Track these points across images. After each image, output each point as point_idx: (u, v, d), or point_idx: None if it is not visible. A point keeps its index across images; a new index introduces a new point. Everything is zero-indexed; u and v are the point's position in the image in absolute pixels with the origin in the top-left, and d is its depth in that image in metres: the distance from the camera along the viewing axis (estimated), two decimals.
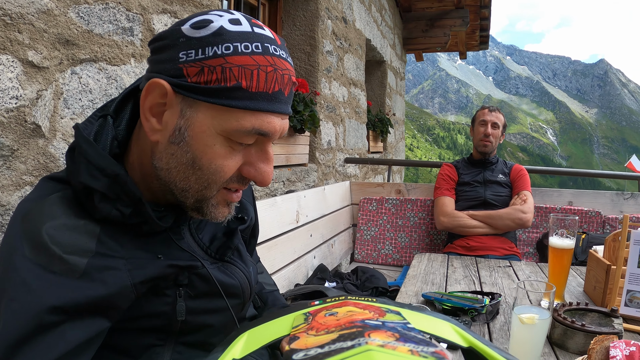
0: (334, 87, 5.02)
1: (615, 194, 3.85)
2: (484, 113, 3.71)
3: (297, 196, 3.11)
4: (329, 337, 0.55)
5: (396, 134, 8.99)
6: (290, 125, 3.60)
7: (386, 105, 8.04)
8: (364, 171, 6.48)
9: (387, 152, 8.18)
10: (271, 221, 2.67)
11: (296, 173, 3.94)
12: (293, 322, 0.71)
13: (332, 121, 4.96)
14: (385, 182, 5.13)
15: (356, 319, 0.62)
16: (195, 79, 0.86)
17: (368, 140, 6.79)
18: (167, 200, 1.00)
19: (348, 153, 5.61)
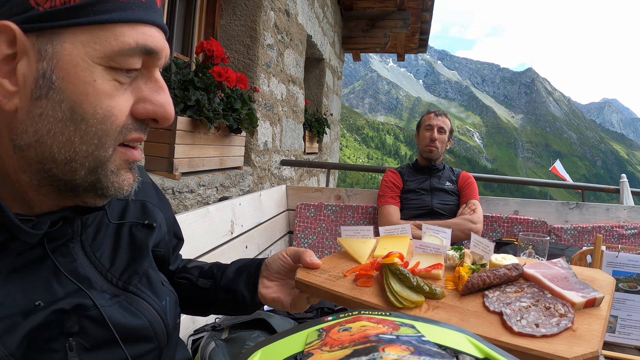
0: (273, 84, 4.72)
1: (560, 203, 3.81)
2: (429, 117, 3.53)
3: (232, 204, 2.81)
4: (343, 352, 0.55)
5: (331, 134, 8.79)
6: (226, 125, 3.27)
7: (323, 104, 7.81)
8: (299, 173, 6.20)
9: (323, 153, 7.96)
10: (203, 234, 2.37)
11: (230, 177, 3.61)
12: (307, 339, 0.68)
13: (269, 120, 4.66)
14: (324, 186, 4.88)
15: (370, 333, 0.62)
16: (49, 4, 0.65)
17: (304, 140, 6.54)
18: (46, 204, 0.77)
19: (284, 155, 5.32)
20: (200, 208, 2.37)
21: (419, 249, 1.43)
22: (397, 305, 1.00)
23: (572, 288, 1.02)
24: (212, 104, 3.02)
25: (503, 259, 1.25)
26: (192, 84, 3.01)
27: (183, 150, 2.88)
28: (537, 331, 0.85)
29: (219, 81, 3.11)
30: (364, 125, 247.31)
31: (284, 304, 1.23)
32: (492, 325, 0.89)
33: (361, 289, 1.12)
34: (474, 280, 1.06)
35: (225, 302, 1.23)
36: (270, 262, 1.24)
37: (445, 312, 0.97)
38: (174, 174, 2.80)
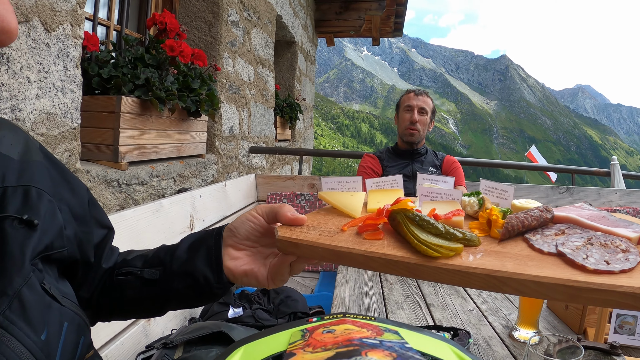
0: (239, 65, 4.38)
1: (550, 188, 3.76)
2: (409, 97, 3.27)
3: (191, 196, 2.51)
4: (326, 354, 0.55)
5: (305, 120, 8.52)
6: (183, 107, 2.92)
7: (295, 89, 7.54)
8: (270, 161, 5.90)
9: (296, 140, 7.68)
10: (156, 232, 2.08)
11: (190, 167, 3.28)
12: (290, 338, 0.67)
13: (235, 104, 4.32)
14: (296, 174, 4.58)
15: (354, 337, 0.62)
16: None
17: (275, 127, 6.27)
18: None
19: (253, 141, 5.00)
20: (151, 202, 2.09)
21: (425, 196, 1.30)
22: (433, 254, 0.81)
23: (618, 225, 0.94)
24: (164, 82, 2.67)
25: (527, 202, 1.14)
26: (142, 61, 2.66)
27: (130, 136, 2.53)
28: (612, 267, 0.74)
29: (171, 56, 2.76)
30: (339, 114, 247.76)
31: (259, 277, 0.98)
32: (557, 267, 0.77)
33: (372, 242, 0.91)
34: (513, 222, 0.92)
35: (183, 291, 0.98)
36: (237, 227, 0.99)
37: (494, 259, 0.81)
38: (119, 163, 2.46)
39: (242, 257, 0.99)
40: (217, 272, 0.96)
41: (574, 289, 0.70)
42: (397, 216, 0.93)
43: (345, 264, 0.89)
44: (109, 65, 2.53)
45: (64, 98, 2.04)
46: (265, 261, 1.00)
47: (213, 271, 0.95)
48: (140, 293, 0.99)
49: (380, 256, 0.84)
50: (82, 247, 0.90)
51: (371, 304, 2.01)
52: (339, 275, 2.36)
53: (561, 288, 0.70)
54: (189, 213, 2.44)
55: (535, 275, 0.72)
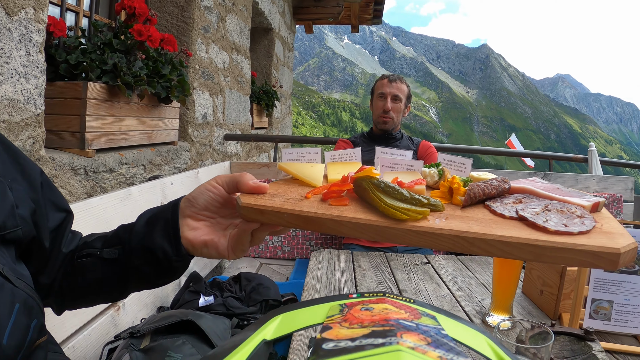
0: (213, 51, 4.32)
1: (528, 174, 3.74)
2: (382, 84, 3.25)
3: (162, 184, 2.46)
4: (362, 331, 0.54)
5: (282, 108, 8.45)
6: (152, 93, 2.86)
7: (272, 76, 7.47)
8: (247, 149, 5.84)
9: (273, 128, 7.61)
10: (124, 220, 1.96)
11: (162, 154, 3.22)
12: (328, 312, 0.67)
13: (209, 91, 4.27)
14: (271, 161, 4.54)
15: (391, 317, 0.61)
16: None
17: (252, 114, 6.21)
18: None
19: (228, 129, 4.95)
20: (120, 190, 2.03)
21: (386, 167, 1.31)
22: (402, 217, 0.84)
23: (572, 195, 0.99)
24: (132, 68, 2.62)
25: (484, 174, 1.18)
26: (110, 46, 2.61)
27: (97, 122, 2.48)
28: (571, 229, 0.79)
29: (139, 41, 2.71)
30: (319, 103, 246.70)
31: (219, 248, 0.97)
32: (520, 229, 0.80)
33: (339, 208, 0.92)
34: (475, 189, 0.96)
35: (143, 268, 0.96)
36: (195, 197, 0.97)
37: (459, 222, 0.84)
38: (86, 150, 2.42)
39: (201, 227, 0.97)
40: (175, 244, 0.94)
41: (538, 247, 0.74)
42: (363, 183, 0.95)
43: (312, 229, 0.90)
44: (77, 52, 2.47)
45: (27, 84, 1.99)
46: (225, 232, 0.99)
47: (171, 244, 0.94)
48: (101, 274, 0.96)
49: (350, 220, 0.86)
50: (38, 228, 0.89)
51: (343, 290, 1.99)
52: (311, 262, 2.34)
53: (527, 247, 0.74)
54: (159, 201, 2.38)
55: (501, 236, 0.76)
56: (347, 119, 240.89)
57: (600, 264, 0.74)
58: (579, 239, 0.76)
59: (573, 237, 0.76)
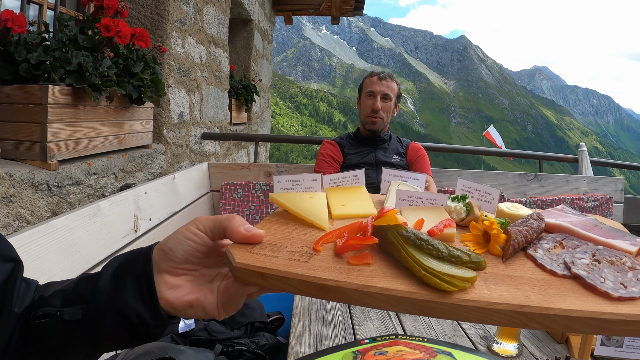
0: (189, 45, 4.08)
1: (518, 175, 3.74)
2: (372, 82, 3.08)
3: (135, 194, 2.24)
4: None
5: (262, 102, 8.27)
6: (123, 95, 2.62)
7: (251, 70, 7.26)
8: (225, 147, 5.64)
9: (252, 123, 7.42)
10: (93, 240, 1.81)
11: (134, 159, 3.00)
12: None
13: (185, 88, 4.03)
14: (252, 162, 4.34)
15: (406, 359, 0.61)
16: None
17: (230, 110, 6.03)
18: None
19: (206, 127, 4.73)
20: (87, 206, 1.81)
21: (404, 201, 1.16)
22: (449, 288, 0.69)
23: (614, 236, 0.93)
24: (99, 67, 2.37)
25: (515, 208, 1.09)
26: (75, 43, 2.36)
27: (61, 130, 2.24)
28: (631, 292, 0.72)
29: (107, 37, 2.46)
30: (297, 93, 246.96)
31: (208, 308, 0.80)
32: (581, 295, 0.72)
33: (361, 269, 0.76)
34: (519, 238, 0.86)
35: (115, 333, 0.77)
36: (173, 248, 0.79)
37: (511, 287, 0.73)
38: (48, 162, 2.17)
39: (183, 284, 0.80)
40: (152, 307, 0.76)
41: (605, 321, 0.66)
42: (389, 235, 0.80)
43: (330, 299, 0.73)
44: (39, 49, 2.22)
45: None
46: (212, 285, 0.82)
47: (147, 307, 0.76)
48: (64, 338, 0.78)
49: (380, 291, 0.70)
50: None
51: (335, 314, 1.89)
52: None
53: (592, 322, 0.66)
54: (132, 213, 2.18)
55: (565, 310, 0.67)
56: (324, 110, 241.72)
57: None
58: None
59: (638, 304, 0.69)
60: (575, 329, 0.68)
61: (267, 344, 2.08)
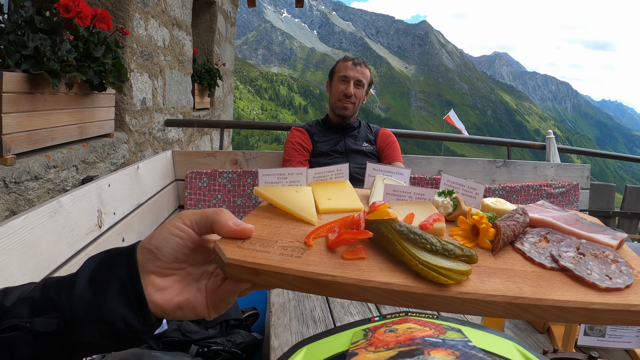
0: (152, 27, 3.91)
1: (487, 161, 3.76)
2: (346, 66, 3.00)
3: (97, 187, 2.10)
4: (388, 354, 0.54)
5: (225, 86, 8.12)
6: (83, 80, 2.47)
7: (215, 53, 7.10)
8: (188, 134, 5.48)
9: (215, 108, 7.27)
10: (56, 240, 1.69)
11: (96, 150, 2.85)
12: (352, 338, 0.67)
13: (148, 72, 3.87)
14: (217, 149, 4.21)
15: (416, 335, 0.61)
16: None
17: (193, 95, 5.87)
18: None
19: (169, 113, 4.57)
20: (47, 203, 1.68)
21: (391, 195, 1.16)
22: (447, 281, 0.71)
23: (595, 230, 0.97)
24: (58, 51, 2.21)
25: (499, 203, 1.12)
26: (31, 25, 2.19)
27: (17, 121, 2.09)
28: (616, 283, 0.76)
29: (67, 19, 2.30)
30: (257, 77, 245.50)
31: (198, 308, 0.77)
32: (570, 286, 0.76)
33: (356, 264, 0.76)
34: (507, 232, 0.89)
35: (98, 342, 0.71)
36: (159, 246, 0.74)
37: (505, 280, 0.76)
38: (4, 157, 2.02)
39: (171, 285, 0.76)
40: (142, 312, 0.72)
41: (594, 311, 0.70)
42: (383, 229, 0.82)
43: (326, 294, 0.73)
44: None
45: None
46: (199, 284, 0.79)
47: (135, 313, 0.71)
48: (34, 350, 0.70)
49: (379, 285, 0.71)
50: None
51: (315, 310, 1.84)
52: None
53: (583, 311, 0.70)
54: (95, 208, 2.05)
55: (557, 300, 0.70)
56: (285, 93, 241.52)
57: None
58: (628, 295, 0.73)
59: (623, 295, 0.73)
60: (567, 318, 0.71)
61: (243, 342, 2.04)
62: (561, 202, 3.71)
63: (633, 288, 0.76)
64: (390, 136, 3.14)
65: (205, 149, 6.69)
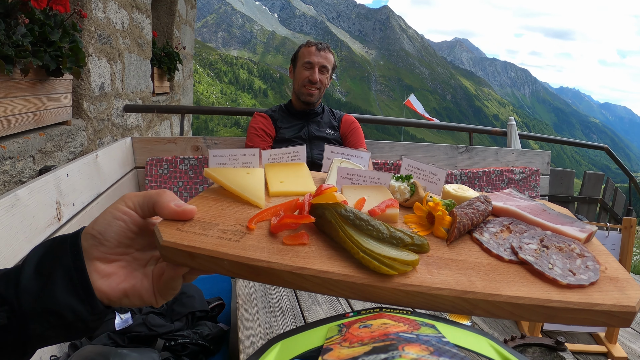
0: (111, 10, 3.79)
1: (449, 147, 3.79)
2: (310, 52, 2.95)
3: (56, 178, 2.03)
4: (363, 349, 0.54)
5: (184, 70, 7.99)
6: (39, 66, 2.37)
7: (174, 36, 6.97)
8: (148, 119, 5.37)
9: (175, 93, 7.16)
10: (13, 234, 1.63)
11: (54, 138, 2.75)
12: (327, 334, 0.66)
13: (106, 56, 3.75)
14: (178, 135, 4.13)
15: (390, 331, 0.61)
16: None
17: (153, 79, 5.74)
18: None
19: (128, 99, 4.46)
20: (3, 197, 1.62)
21: (345, 179, 1.12)
22: (388, 272, 0.68)
23: (563, 222, 0.93)
24: (12, 36, 2.11)
25: (461, 190, 1.06)
26: None
27: None
28: (580, 279, 0.73)
29: (22, 1, 2.21)
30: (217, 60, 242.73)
31: (144, 295, 0.74)
32: (528, 281, 0.72)
33: (296, 250, 0.73)
34: (464, 220, 0.84)
35: (47, 333, 0.69)
36: (103, 231, 0.71)
37: (455, 272, 0.72)
38: None
39: (116, 271, 0.73)
40: (89, 300, 0.69)
41: (552, 309, 0.67)
42: (327, 214, 0.78)
43: (263, 281, 0.70)
44: None
45: None
46: (146, 270, 0.76)
47: (82, 301, 0.69)
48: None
49: (316, 274, 0.68)
50: None
51: (282, 300, 1.85)
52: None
53: (539, 309, 0.67)
54: (54, 200, 1.98)
55: (511, 296, 0.67)
56: (244, 77, 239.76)
57: (613, 322, 0.68)
58: (592, 294, 0.70)
59: (587, 293, 0.70)
60: (522, 316, 0.67)
61: (210, 334, 2.02)
62: (522, 187, 3.79)
63: (598, 285, 0.73)
64: (354, 122, 3.12)
65: (165, 134, 6.57)
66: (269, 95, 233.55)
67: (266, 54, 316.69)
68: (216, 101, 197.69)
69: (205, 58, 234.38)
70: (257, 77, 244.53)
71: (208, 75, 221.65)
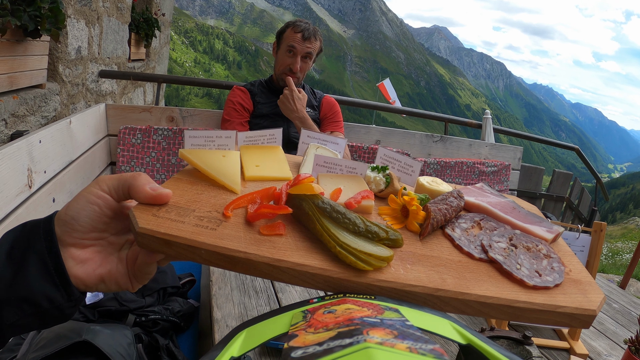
0: None
1: (425, 135, 3.81)
2: (295, 38, 2.82)
3: (28, 144, 1.96)
4: (328, 334, 0.54)
5: (161, 37, 7.79)
6: (17, 26, 2.28)
7: (154, 2, 6.79)
8: (122, 85, 5.24)
9: (150, 60, 7.00)
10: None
11: (27, 102, 2.66)
12: (292, 320, 0.66)
13: (85, 19, 3.63)
14: (153, 104, 4.05)
15: (355, 316, 0.61)
16: None
17: (129, 45, 5.59)
18: None
19: (104, 64, 4.33)
20: None
21: (322, 167, 1.10)
22: (364, 267, 0.70)
23: (532, 221, 0.95)
24: None
25: (435, 183, 1.07)
26: None
27: None
28: (546, 280, 0.76)
29: None
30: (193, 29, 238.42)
31: (120, 280, 0.74)
32: (497, 280, 0.75)
33: (272, 240, 0.73)
34: (437, 216, 0.86)
35: (21, 322, 0.67)
36: (76, 216, 0.70)
37: (428, 269, 0.75)
38: None
39: (91, 256, 0.72)
40: (64, 287, 0.68)
41: (518, 309, 0.70)
42: (304, 205, 0.79)
43: (240, 271, 0.71)
44: None
45: None
46: (121, 254, 0.76)
47: (57, 288, 0.68)
48: None
49: (293, 266, 0.69)
50: None
51: (256, 280, 1.85)
52: None
53: (506, 309, 0.70)
54: (25, 167, 1.93)
55: (480, 295, 0.69)
56: (219, 47, 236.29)
57: (574, 323, 0.72)
58: (556, 296, 0.73)
59: (551, 294, 0.73)
60: (490, 314, 0.70)
61: (181, 310, 2.00)
62: (492, 180, 3.84)
63: (562, 287, 0.76)
64: (335, 105, 3.08)
65: (138, 102, 6.43)
66: (243, 67, 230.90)
67: (243, 26, 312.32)
68: (189, 70, 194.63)
69: (181, 25, 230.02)
70: (232, 48, 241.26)
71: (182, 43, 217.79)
